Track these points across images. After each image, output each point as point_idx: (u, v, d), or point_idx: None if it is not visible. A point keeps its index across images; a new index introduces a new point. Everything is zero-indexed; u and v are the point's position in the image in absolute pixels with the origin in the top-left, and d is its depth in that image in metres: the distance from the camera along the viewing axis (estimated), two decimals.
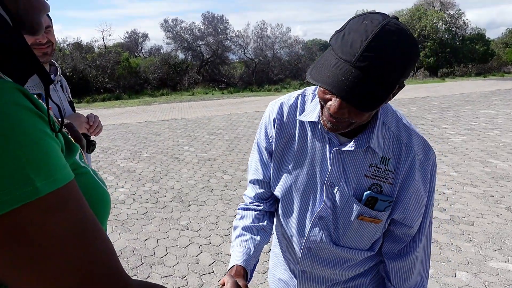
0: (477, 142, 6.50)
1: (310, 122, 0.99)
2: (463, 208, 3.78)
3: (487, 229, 3.30)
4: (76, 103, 19.52)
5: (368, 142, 0.92)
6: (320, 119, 0.92)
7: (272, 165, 1.08)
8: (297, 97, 1.05)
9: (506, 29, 52.30)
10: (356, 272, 1.10)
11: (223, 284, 0.90)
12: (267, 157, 1.09)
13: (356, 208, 0.96)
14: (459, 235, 3.22)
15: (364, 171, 0.95)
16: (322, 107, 0.88)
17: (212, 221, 3.77)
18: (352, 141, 0.93)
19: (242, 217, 1.13)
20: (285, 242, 1.14)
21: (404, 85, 0.83)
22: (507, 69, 32.25)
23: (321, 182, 0.99)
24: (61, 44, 26.41)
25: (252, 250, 1.04)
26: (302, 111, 1.02)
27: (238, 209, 1.18)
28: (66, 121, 0.92)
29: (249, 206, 1.15)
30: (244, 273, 0.99)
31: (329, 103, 0.83)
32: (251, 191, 1.16)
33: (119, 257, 2.86)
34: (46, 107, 0.54)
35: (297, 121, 1.01)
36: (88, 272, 0.45)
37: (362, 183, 0.95)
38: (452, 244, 3.08)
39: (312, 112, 0.99)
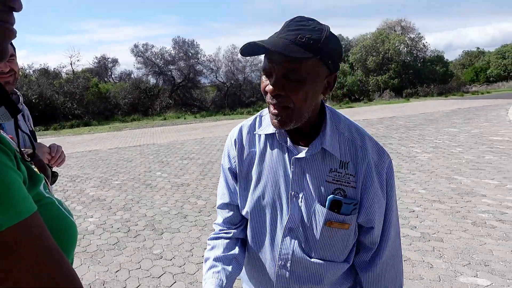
0: (442, 159, 6.78)
1: (268, 135, 1.03)
2: (432, 224, 3.90)
3: (455, 245, 3.41)
4: (42, 130, 18.88)
5: (322, 144, 0.95)
6: (270, 120, 0.96)
7: (238, 186, 1.09)
8: (255, 117, 1.10)
9: (463, 51, 55.80)
10: None
11: None
12: (232, 179, 1.10)
13: (322, 214, 0.96)
14: (430, 252, 3.30)
15: (325, 177, 0.96)
16: (268, 104, 0.94)
17: (186, 248, 3.68)
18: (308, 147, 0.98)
19: (212, 248, 1.10)
20: (258, 266, 1.10)
21: (336, 71, 0.93)
22: (466, 89, 34.18)
23: (286, 192, 0.99)
24: (27, 70, 25.74)
25: (225, 282, 1.02)
26: (260, 127, 1.06)
27: (208, 239, 1.16)
28: (29, 151, 0.90)
29: (219, 235, 1.12)
30: None
31: (267, 87, 0.89)
32: (220, 217, 1.15)
33: None
34: (6, 137, 0.53)
35: (256, 136, 1.05)
36: None
37: (324, 189, 0.96)
38: (423, 261, 3.15)
39: (268, 126, 1.03)
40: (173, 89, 27.88)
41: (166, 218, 4.58)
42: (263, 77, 0.92)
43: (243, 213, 1.10)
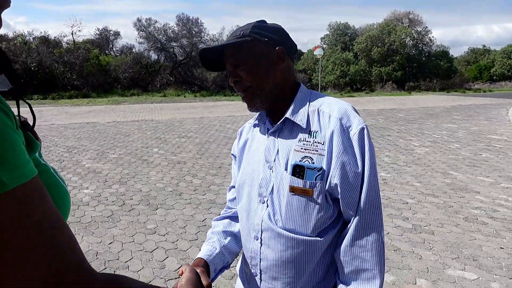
0: (439, 154, 6.80)
1: (257, 120, 1.14)
2: (425, 217, 3.94)
3: (446, 238, 3.45)
4: (41, 99, 18.77)
5: (286, 115, 1.01)
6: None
7: (237, 167, 1.19)
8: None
9: (468, 48, 55.39)
10: (317, 277, 1.03)
11: (182, 274, 0.90)
12: (235, 163, 1.22)
13: (286, 180, 0.97)
14: (420, 244, 3.35)
15: (294, 146, 1.00)
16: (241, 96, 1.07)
17: (180, 225, 3.71)
18: None
19: (214, 227, 1.20)
20: (244, 242, 1.13)
21: (281, 44, 1.02)
22: (468, 86, 34.10)
23: (263, 165, 1.05)
24: (27, 37, 25.32)
25: (218, 249, 1.08)
26: (255, 118, 1.17)
27: (212, 220, 1.25)
28: (23, 118, 0.89)
29: (222, 216, 1.23)
30: (204, 265, 1.01)
31: (229, 80, 1.04)
32: (228, 198, 1.26)
33: None
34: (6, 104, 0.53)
35: (252, 126, 1.16)
36: (57, 263, 0.45)
37: (292, 157, 0.98)
38: (413, 252, 3.19)
39: (261, 118, 1.13)
40: (175, 67, 27.61)
41: (161, 194, 4.60)
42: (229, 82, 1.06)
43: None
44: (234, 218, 1.21)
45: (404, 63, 32.64)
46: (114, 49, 31.36)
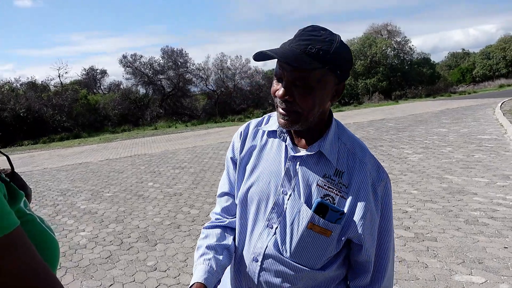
0: (432, 159, 6.84)
1: (270, 132, 1.06)
2: (426, 224, 3.92)
3: (449, 244, 3.43)
4: (32, 144, 18.65)
5: (319, 147, 0.96)
6: (277, 119, 0.98)
7: (236, 174, 1.12)
8: (264, 116, 1.14)
9: (448, 53, 56.78)
10: None
11: None
12: (233, 169, 1.14)
13: (306, 215, 0.95)
14: (424, 252, 3.32)
15: (317, 181, 0.96)
16: (276, 106, 0.96)
17: (181, 259, 3.64)
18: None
19: (206, 236, 1.12)
20: (236, 257, 1.10)
21: (345, 80, 0.95)
22: (453, 89, 34.71)
23: (275, 188, 1.00)
24: (14, 84, 25.45)
25: (215, 269, 1.03)
26: (266, 124, 1.10)
27: (203, 228, 1.17)
28: (7, 169, 0.89)
29: (214, 224, 1.15)
30: None
31: (277, 92, 0.92)
32: (218, 206, 1.18)
33: None
34: None
35: (260, 132, 1.08)
36: None
37: (314, 192, 0.96)
38: (418, 261, 3.16)
39: (274, 124, 1.06)
40: (163, 99, 27.81)
41: (159, 229, 4.53)
42: (274, 82, 0.95)
43: (236, 202, 1.12)
44: (227, 229, 1.14)
45: (388, 73, 33.27)
46: (102, 87, 31.60)
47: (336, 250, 1.00)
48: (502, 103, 16.13)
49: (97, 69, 31.11)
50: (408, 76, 33.76)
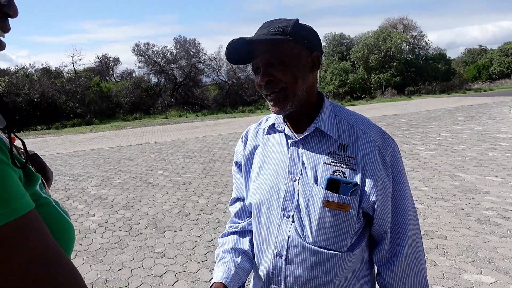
0: (445, 157, 6.74)
1: (269, 128, 1.08)
2: (436, 222, 3.87)
3: (459, 242, 3.38)
4: (45, 129, 18.93)
5: (316, 125, 0.97)
6: (271, 110, 1.00)
7: (243, 176, 1.13)
8: (263, 118, 1.17)
9: (465, 49, 55.64)
10: None
11: None
12: (237, 172, 1.16)
13: (319, 194, 0.93)
14: (434, 249, 3.28)
15: (323, 159, 0.96)
16: (265, 97, 0.99)
17: (188, 247, 3.67)
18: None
19: (222, 245, 1.13)
20: (259, 259, 1.08)
21: (317, 50, 0.98)
22: (468, 86, 34.07)
23: (284, 177, 1.00)
24: (29, 70, 25.79)
25: (233, 270, 1.02)
26: (265, 122, 1.12)
27: (219, 238, 1.18)
28: (30, 151, 0.89)
29: (228, 231, 1.16)
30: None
31: (258, 80, 0.95)
32: (232, 212, 1.19)
33: None
34: (7, 138, 0.53)
35: (260, 131, 1.11)
36: None
37: (322, 170, 0.95)
38: (427, 258, 3.12)
39: (271, 120, 1.09)
40: (175, 88, 27.88)
41: (168, 217, 4.57)
42: (255, 77, 0.98)
43: (247, 203, 1.11)
44: (242, 233, 1.14)
45: (402, 68, 32.75)
46: (114, 75, 31.79)
47: (358, 225, 0.97)
48: None
49: (110, 57, 31.29)
50: (422, 72, 33.20)
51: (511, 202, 4.26)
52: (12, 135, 0.55)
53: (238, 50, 0.95)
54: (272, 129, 1.07)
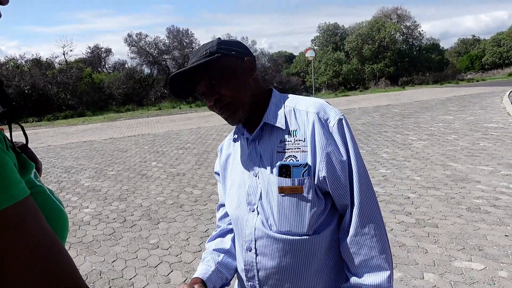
0: (437, 146, 6.80)
1: (235, 137, 1.14)
2: (427, 211, 3.92)
3: (450, 230, 3.44)
4: (36, 121, 18.74)
5: (264, 120, 1.02)
6: (228, 123, 1.07)
7: (223, 184, 1.19)
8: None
9: (458, 39, 55.77)
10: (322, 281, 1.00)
11: None
12: (219, 181, 1.22)
13: (274, 182, 0.96)
14: (425, 237, 3.33)
15: (276, 149, 1.00)
16: (220, 114, 1.05)
17: (183, 237, 3.69)
18: None
19: (206, 249, 1.20)
20: (238, 258, 1.10)
21: (246, 56, 1.04)
22: (461, 77, 34.24)
23: (248, 175, 1.05)
24: (19, 61, 25.37)
25: (213, 267, 1.07)
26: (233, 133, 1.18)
27: (206, 243, 1.23)
28: (19, 143, 0.89)
29: (213, 236, 1.22)
30: (201, 283, 1.00)
31: (208, 101, 1.02)
32: (217, 217, 1.26)
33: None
34: None
35: (232, 141, 1.16)
36: (54, 285, 0.44)
37: (276, 159, 0.99)
38: (419, 246, 3.17)
39: (239, 131, 1.13)
40: (168, 79, 27.66)
41: (162, 208, 4.58)
42: (205, 100, 1.05)
43: (226, 207, 1.17)
44: (224, 234, 1.20)
45: (396, 59, 32.81)
46: (106, 66, 31.42)
47: (320, 205, 0.97)
48: (510, 92, 15.89)
49: (102, 48, 30.88)
50: (416, 62, 33.29)
51: (501, 190, 4.33)
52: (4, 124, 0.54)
53: (180, 84, 1.03)
54: (237, 136, 1.14)
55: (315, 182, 0.95)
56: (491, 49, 43.32)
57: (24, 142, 0.91)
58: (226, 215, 1.21)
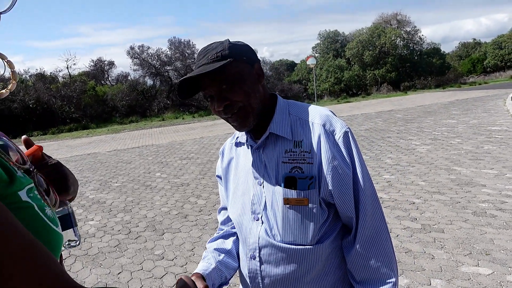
0: (441, 151, 6.78)
1: (237, 142, 1.15)
2: (433, 216, 3.90)
3: (456, 235, 3.41)
4: (41, 135, 18.88)
5: (270, 129, 1.01)
6: (235, 130, 1.06)
7: (224, 188, 1.20)
8: (235, 132, 1.21)
9: (459, 43, 55.80)
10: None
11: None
12: (221, 184, 1.22)
13: (279, 193, 0.97)
14: (431, 243, 3.31)
15: (281, 159, 1.00)
16: (226, 120, 1.03)
17: (188, 248, 3.68)
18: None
19: (207, 248, 1.21)
20: (241, 266, 1.13)
21: (256, 64, 1.02)
22: (463, 80, 34.18)
23: (253, 184, 1.05)
24: (23, 76, 25.68)
25: (213, 265, 1.07)
26: (235, 136, 1.18)
27: (207, 243, 1.24)
28: (54, 160, 0.87)
29: (214, 237, 1.23)
30: (201, 277, 1.01)
31: (216, 106, 0.98)
32: (219, 220, 1.26)
33: None
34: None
35: (233, 146, 1.16)
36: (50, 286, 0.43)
37: (281, 170, 0.99)
38: (425, 252, 3.15)
39: (237, 135, 1.15)
40: (171, 90, 27.83)
41: (167, 219, 4.58)
42: (210, 105, 1.02)
43: (229, 213, 1.18)
44: (226, 236, 1.21)
45: (397, 64, 32.85)
46: (109, 78, 31.70)
47: (324, 216, 0.99)
48: None
49: (105, 61, 31.20)
50: (417, 67, 33.31)
51: (506, 194, 4.30)
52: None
53: (187, 86, 1.00)
54: (239, 141, 1.14)
55: (320, 194, 0.97)
56: (493, 51, 43.29)
57: (57, 160, 0.88)
58: (229, 219, 1.21)
